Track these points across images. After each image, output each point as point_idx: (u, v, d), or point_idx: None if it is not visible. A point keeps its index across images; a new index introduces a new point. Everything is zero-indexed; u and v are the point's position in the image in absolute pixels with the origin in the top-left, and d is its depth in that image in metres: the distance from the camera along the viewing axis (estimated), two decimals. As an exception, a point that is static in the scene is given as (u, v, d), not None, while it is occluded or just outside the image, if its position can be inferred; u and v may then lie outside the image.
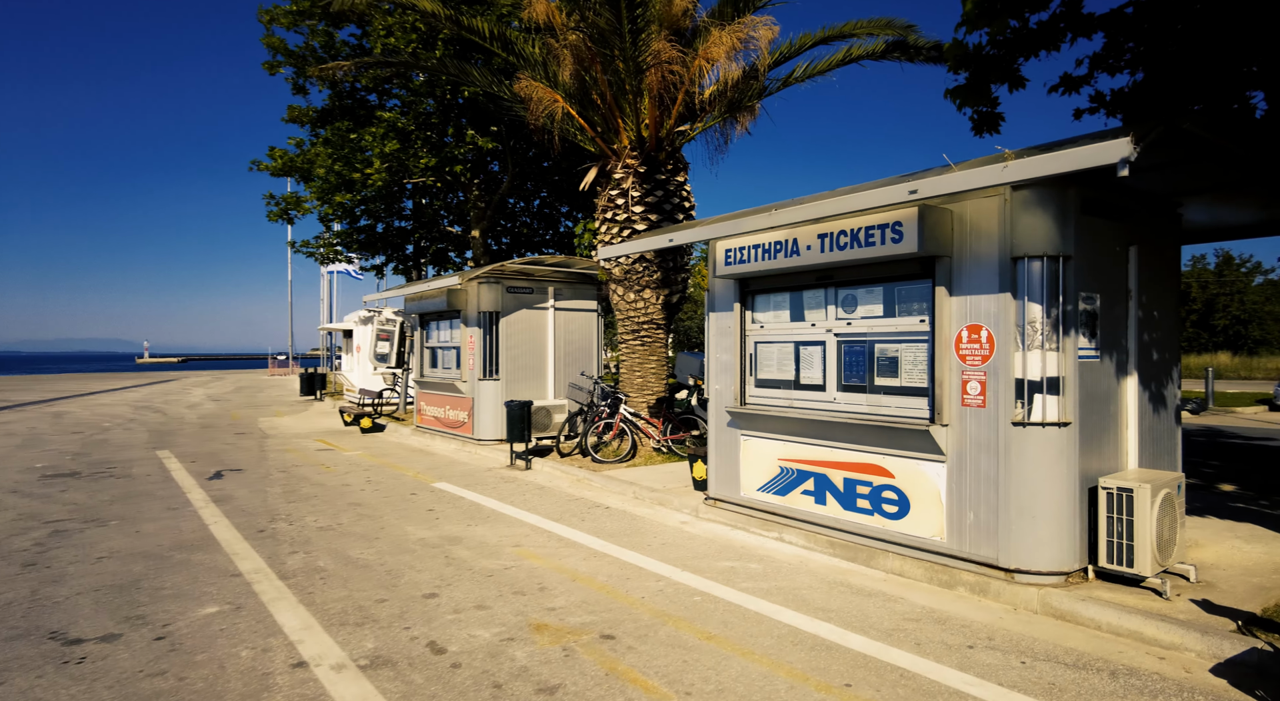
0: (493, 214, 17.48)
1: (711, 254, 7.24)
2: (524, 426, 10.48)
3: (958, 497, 5.39)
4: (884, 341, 5.96)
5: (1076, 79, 7.53)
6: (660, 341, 11.13)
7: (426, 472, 10.56)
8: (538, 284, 12.81)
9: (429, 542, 6.79)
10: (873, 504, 5.97)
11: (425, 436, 14.24)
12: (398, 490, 9.27)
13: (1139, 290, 5.60)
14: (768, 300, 6.98)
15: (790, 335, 6.75)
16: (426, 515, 7.90)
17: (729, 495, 7.32)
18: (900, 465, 5.77)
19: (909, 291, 5.78)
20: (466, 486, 9.47)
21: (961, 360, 5.36)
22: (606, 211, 10.96)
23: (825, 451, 6.35)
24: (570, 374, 13.04)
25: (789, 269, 6.35)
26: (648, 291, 10.85)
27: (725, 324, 7.34)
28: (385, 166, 14.62)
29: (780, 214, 5.97)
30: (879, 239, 5.55)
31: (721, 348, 7.40)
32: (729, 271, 6.89)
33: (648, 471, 9.78)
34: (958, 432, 5.38)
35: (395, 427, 15.80)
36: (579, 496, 8.79)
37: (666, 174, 10.81)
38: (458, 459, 11.83)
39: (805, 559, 6.15)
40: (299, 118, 17.36)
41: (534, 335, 12.73)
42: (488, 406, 12.35)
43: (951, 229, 5.42)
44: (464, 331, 12.79)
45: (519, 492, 9.04)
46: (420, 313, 14.31)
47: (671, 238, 7.09)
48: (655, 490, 8.44)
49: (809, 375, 6.58)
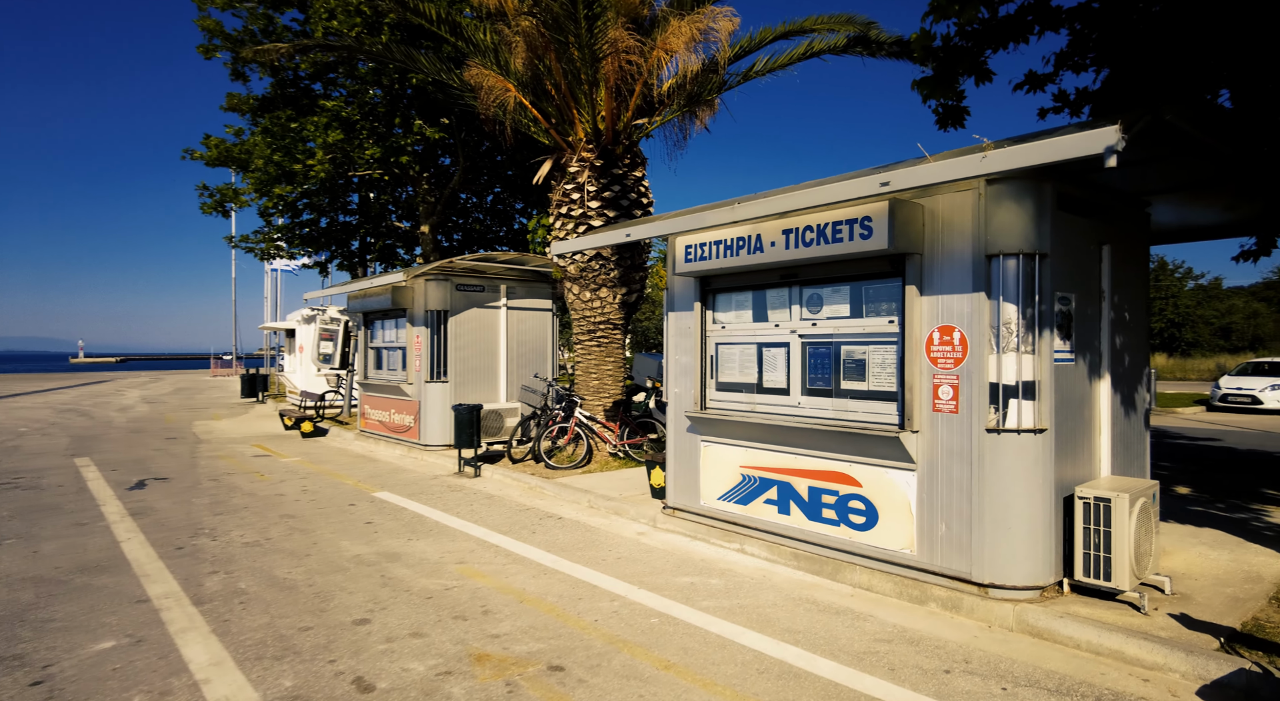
0: (443, 209, 16.84)
1: (671, 250, 6.87)
2: (473, 431, 9.97)
3: (929, 508, 5.11)
4: (851, 343, 5.67)
5: (1042, 77, 7.38)
6: (617, 342, 10.73)
7: (368, 481, 9.96)
8: (489, 282, 12.29)
9: (365, 560, 6.27)
10: (839, 514, 5.67)
11: (369, 441, 13.57)
12: (335, 500, 8.67)
13: (1111, 290, 5.42)
14: (729, 299, 6.65)
15: (753, 336, 6.42)
16: (364, 528, 7.35)
17: (688, 504, 6.96)
18: (868, 473, 5.48)
19: (877, 291, 5.50)
20: (410, 496, 8.93)
21: (933, 363, 5.09)
22: (561, 206, 10.52)
23: (789, 458, 6.03)
24: (524, 376, 12.55)
25: (752, 266, 6.01)
26: (604, 290, 10.44)
27: (685, 324, 6.98)
28: (329, 158, 13.90)
29: (743, 208, 5.63)
30: (846, 235, 5.25)
31: (681, 349, 7.04)
32: (689, 269, 6.53)
33: (603, 478, 9.37)
34: (929, 439, 5.11)
35: (338, 432, 15.07)
36: (530, 506, 8.33)
37: (624, 168, 10.43)
38: (403, 466, 11.24)
39: (768, 572, 5.82)
40: (238, 106, 16.46)
41: (485, 335, 12.21)
42: (435, 410, 11.79)
43: (923, 225, 5.14)
44: (410, 331, 12.19)
45: (466, 502, 8.54)
46: (364, 311, 13.64)
47: (629, 233, 6.71)
48: (611, 498, 8.03)
49: (772, 378, 6.26)
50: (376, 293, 12.63)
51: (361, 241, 18.12)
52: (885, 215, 4.99)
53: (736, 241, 6.05)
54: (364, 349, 14.15)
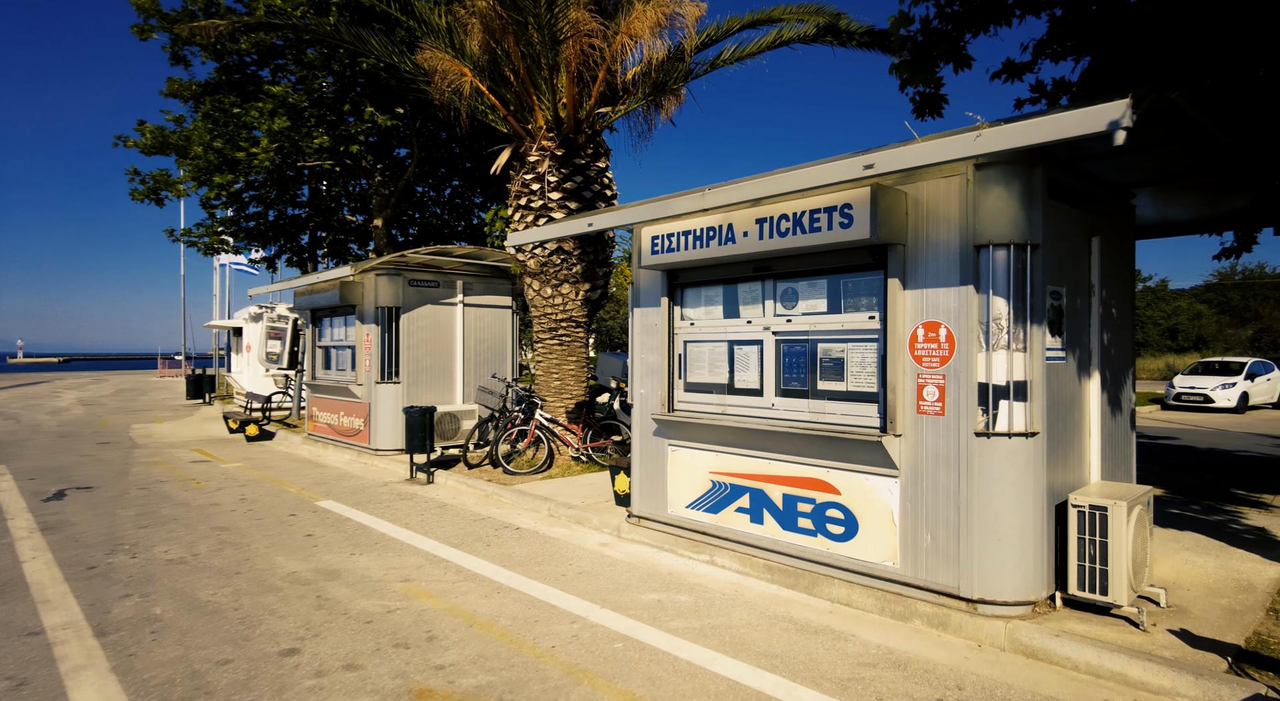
0: (398, 202, 16.13)
1: (636, 241, 6.44)
2: (425, 435, 9.40)
3: (913, 517, 4.76)
4: (828, 340, 5.29)
5: (1020, 66, 7.13)
6: (580, 341, 10.26)
7: (312, 488, 9.32)
8: (445, 277, 11.70)
9: (300, 578, 5.70)
10: (816, 523, 5.29)
11: (317, 446, 12.87)
12: (275, 510, 8.04)
13: (1101, 285, 5.14)
14: (698, 294, 6.23)
15: (724, 333, 6.01)
16: (304, 542, 6.76)
17: (655, 512, 6.53)
18: (847, 480, 5.11)
19: (857, 284, 5.13)
20: (356, 505, 8.33)
21: (917, 362, 4.74)
22: (520, 197, 10.01)
23: (762, 464, 5.64)
24: (481, 376, 11.99)
25: (723, 258, 5.61)
26: (566, 286, 9.96)
27: (651, 320, 6.55)
28: (274, 147, 13.14)
29: (714, 195, 5.22)
30: (825, 224, 4.87)
31: (647, 347, 6.61)
32: (656, 261, 6.10)
33: (565, 484, 8.89)
34: (913, 444, 4.76)
35: (286, 435, 14.31)
36: (486, 515, 7.81)
37: (586, 158, 9.96)
38: (351, 472, 10.61)
39: (741, 587, 5.42)
40: (179, 92, 15.53)
41: (440, 333, 11.62)
42: (386, 412, 11.16)
43: (906, 214, 4.79)
44: (360, 329, 11.55)
45: (416, 512, 7.98)
46: (312, 308, 12.93)
47: (591, 222, 6.24)
48: (573, 506, 7.57)
49: (744, 378, 5.86)
50: (324, 288, 11.95)
51: (311, 235, 17.30)
52: (867, 202, 4.63)
53: (706, 232, 5.63)
54: (312, 348, 13.43)
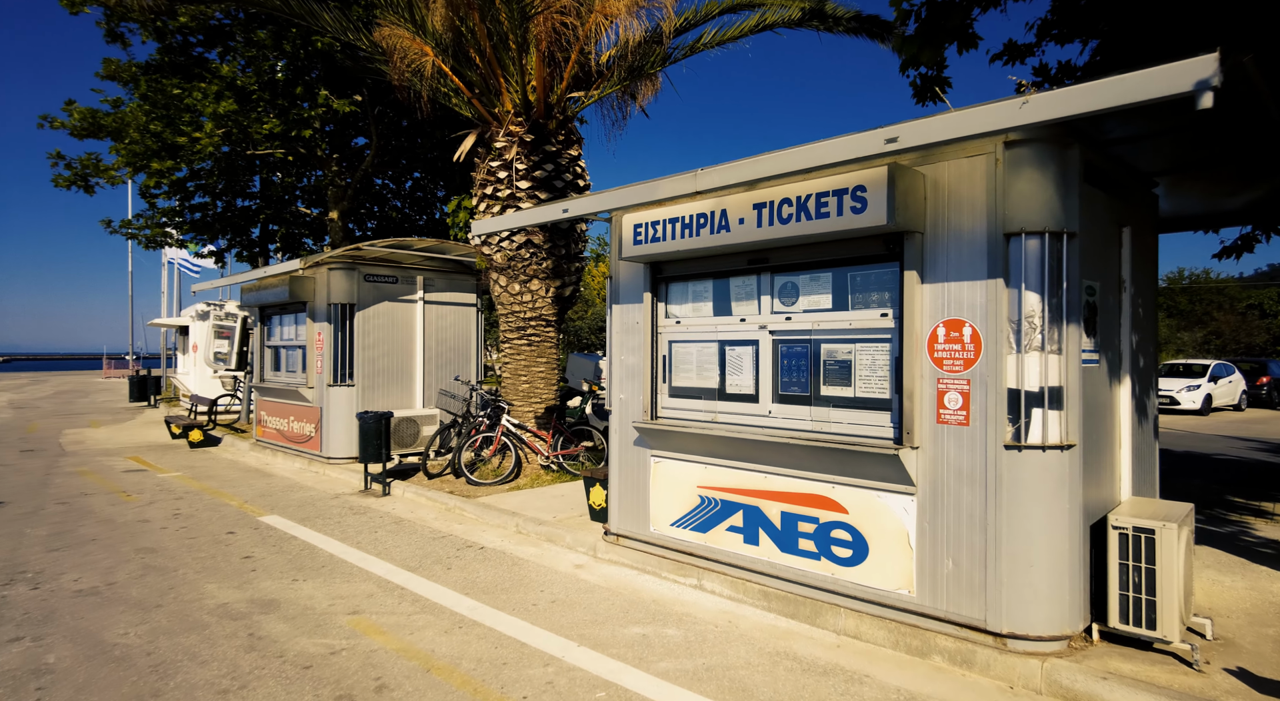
0: (355, 194, 15.25)
1: (616, 230, 5.82)
2: (380, 443, 8.65)
3: (931, 540, 4.23)
4: (834, 340, 4.74)
5: (1022, 48, 6.69)
6: (550, 341, 9.60)
7: (256, 501, 8.50)
8: (404, 272, 10.93)
9: (232, 611, 4.96)
10: (819, 545, 4.73)
11: (266, 453, 11.98)
12: (211, 528, 7.24)
13: (1130, 280, 4.67)
14: (685, 289, 5.64)
15: (714, 332, 5.43)
16: (240, 566, 6.00)
17: (636, 530, 5.91)
18: (855, 497, 4.56)
19: (867, 278, 4.58)
20: (303, 520, 7.56)
21: (937, 365, 4.21)
22: (486, 186, 9.31)
23: (758, 478, 5.06)
24: (443, 379, 11.25)
25: (714, 249, 5.02)
26: (535, 282, 9.29)
27: (632, 318, 5.94)
28: (220, 132, 12.21)
29: (708, 176, 4.63)
30: (834, 209, 4.31)
31: (627, 348, 5.99)
32: (638, 252, 5.48)
33: (534, 495, 8.22)
34: (932, 457, 4.22)
35: (233, 441, 13.37)
36: (447, 532, 7.11)
37: (558, 145, 9.31)
38: (300, 482, 9.79)
39: (734, 617, 4.83)
40: (118, 73, 14.44)
41: (398, 333, 10.85)
42: (339, 417, 10.36)
43: (925, 198, 4.26)
44: (311, 327, 10.72)
45: (370, 529, 7.24)
46: (260, 305, 12.04)
47: (566, 208, 5.61)
48: (543, 521, 6.91)
49: (737, 382, 5.28)
50: (273, 284, 11.09)
51: (263, 229, 16.28)
52: (884, 183, 4.08)
53: (696, 219, 5.04)
54: (260, 348, 12.53)
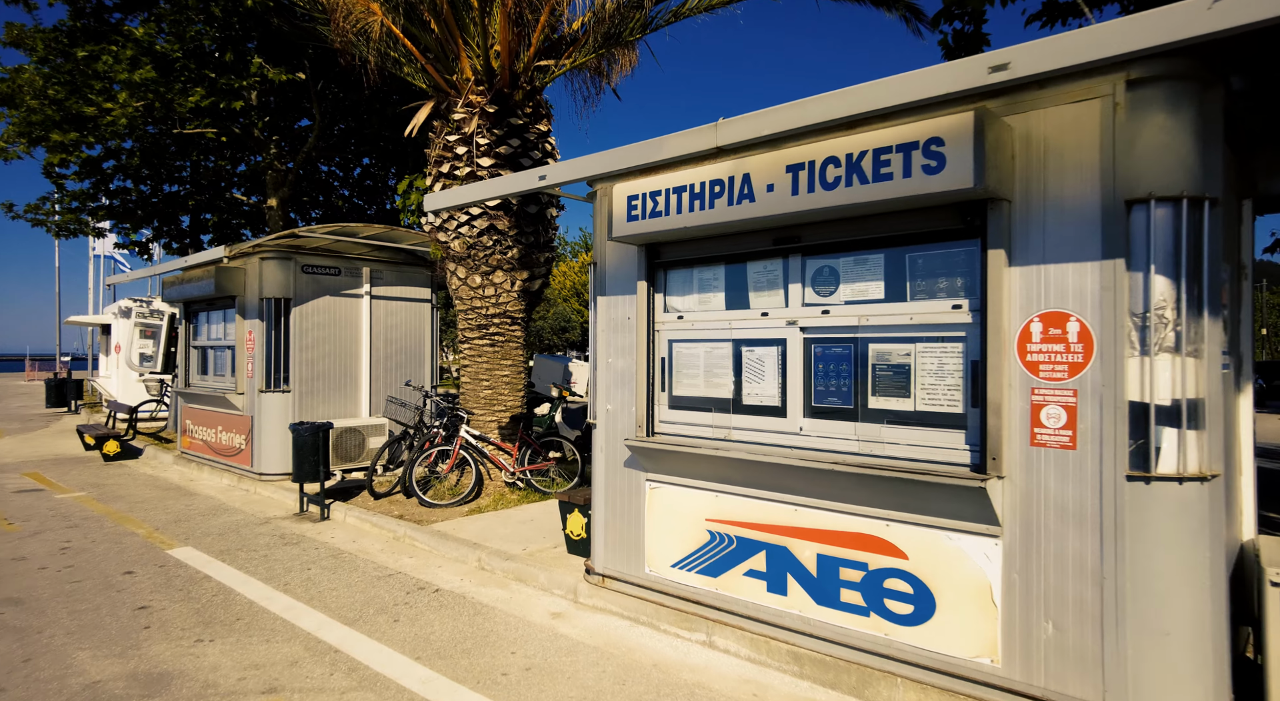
0: (297, 181, 13.85)
1: (603, 206, 4.79)
2: (318, 458, 7.44)
3: (1023, 596, 3.28)
4: (886, 339, 3.77)
5: (1064, 7, 5.85)
6: (516, 341, 8.49)
7: (169, 528, 7.21)
8: (348, 263, 9.69)
9: (103, 694, 3.77)
10: (868, 598, 3.75)
11: (191, 467, 10.59)
12: (105, 567, 5.96)
13: (1250, 265, 3.81)
14: (690, 277, 4.61)
15: (726, 330, 4.42)
16: (130, 622, 4.78)
17: (627, 570, 4.87)
18: (917, 539, 3.59)
19: (934, 260, 3.62)
20: (223, 554, 6.32)
21: (1030, 370, 3.27)
22: (442, 164, 8.16)
23: (785, 512, 4.07)
24: (393, 383, 10.02)
25: (732, 225, 4.01)
26: (499, 274, 8.17)
27: (621, 313, 4.89)
28: (139, 104, 10.75)
29: (731, 128, 3.62)
30: (898, 169, 3.34)
31: (615, 348, 4.94)
32: (633, 231, 4.44)
33: (498, 520, 7.11)
34: (1023, 489, 3.28)
35: (155, 453, 11.90)
36: (395, 569, 5.96)
37: (525, 118, 8.20)
38: (227, 502, 8.48)
39: (760, 686, 3.83)
40: (20, 40, 12.82)
41: (341, 331, 9.60)
42: (273, 428, 9.07)
43: (1013, 156, 3.32)
44: (241, 325, 9.40)
45: (302, 565, 6.04)
46: (185, 300, 10.65)
47: (544, 174, 4.53)
48: (511, 555, 5.82)
49: (757, 391, 4.28)
50: (197, 276, 9.73)
51: (194, 217, 14.73)
52: (968, 134, 3.12)
53: (710, 187, 4.02)
54: (185, 348, 11.12)
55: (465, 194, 5.13)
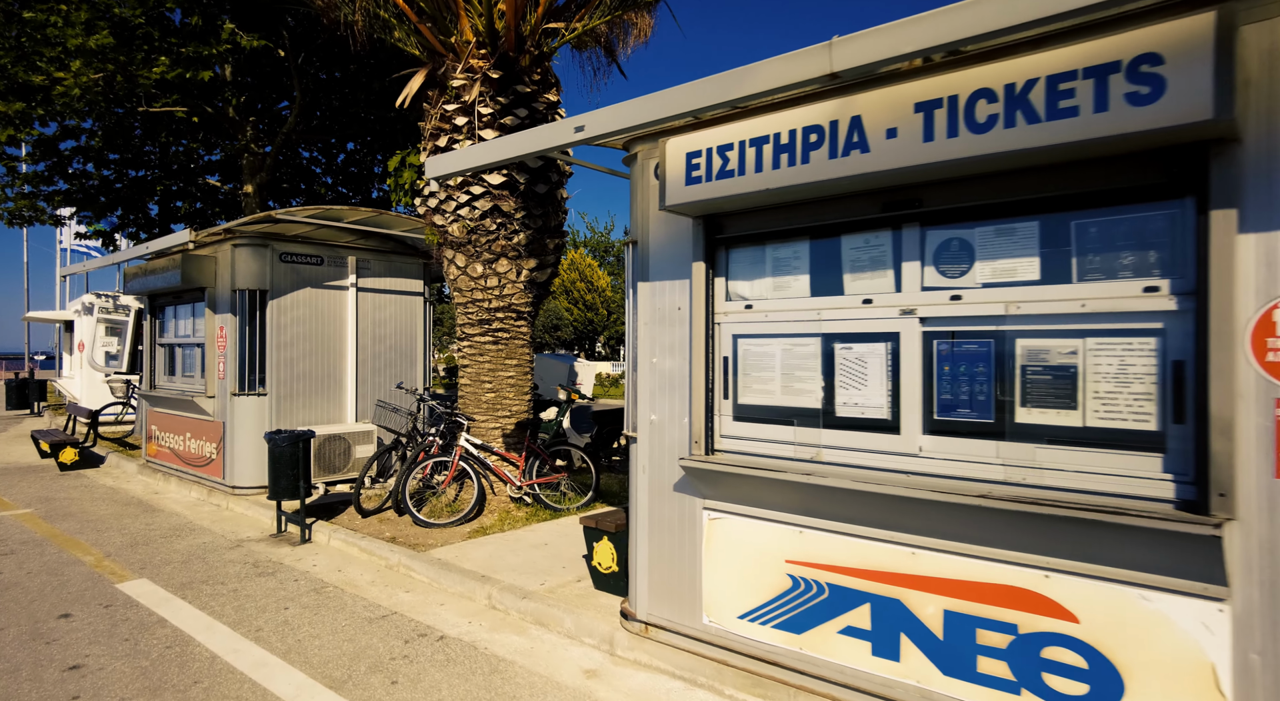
0: (275, 165, 12.81)
1: (644, 171, 3.88)
2: (298, 472, 6.47)
3: (1268, 688, 2.41)
4: (1043, 333, 2.88)
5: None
6: (523, 339, 7.55)
7: (124, 554, 6.21)
8: (331, 252, 8.70)
9: (2, 809, 2.81)
10: (1018, 669, 2.87)
11: (156, 477, 9.56)
12: (36, 607, 4.97)
13: None
14: (762, 257, 3.71)
15: (814, 321, 3.51)
16: (56, 687, 3.82)
17: (679, 619, 3.96)
18: (1092, 596, 2.71)
19: (1115, 227, 2.74)
20: (184, 588, 5.34)
21: (1271, 372, 2.39)
22: (439, 136, 7.20)
23: (898, 555, 3.18)
24: (382, 385, 9.04)
25: (832, 187, 3.11)
26: (504, 262, 7.23)
27: (670, 302, 3.98)
28: (97, 77, 9.67)
29: (853, 47, 2.70)
30: (1086, 100, 2.45)
31: (661, 345, 4.03)
32: (693, 198, 3.52)
33: (507, 544, 6.17)
34: (1267, 537, 2.41)
35: (119, 461, 10.83)
36: (390, 608, 5.00)
37: (533, 86, 7.26)
38: (195, 521, 7.48)
39: (875, 788, 2.93)
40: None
41: (324, 327, 8.61)
42: (248, 436, 8.07)
43: (1247, 81, 2.44)
44: (211, 320, 8.39)
45: (278, 603, 5.08)
46: (149, 292, 9.60)
47: (582, 126, 3.59)
48: (528, 592, 4.89)
49: (857, 400, 3.38)
50: (162, 266, 8.70)
51: (163, 205, 13.63)
52: (1206, 45, 2.24)
53: (803, 137, 3.12)
54: (151, 346, 10.07)
55: (476, 155, 4.18)
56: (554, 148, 3.82)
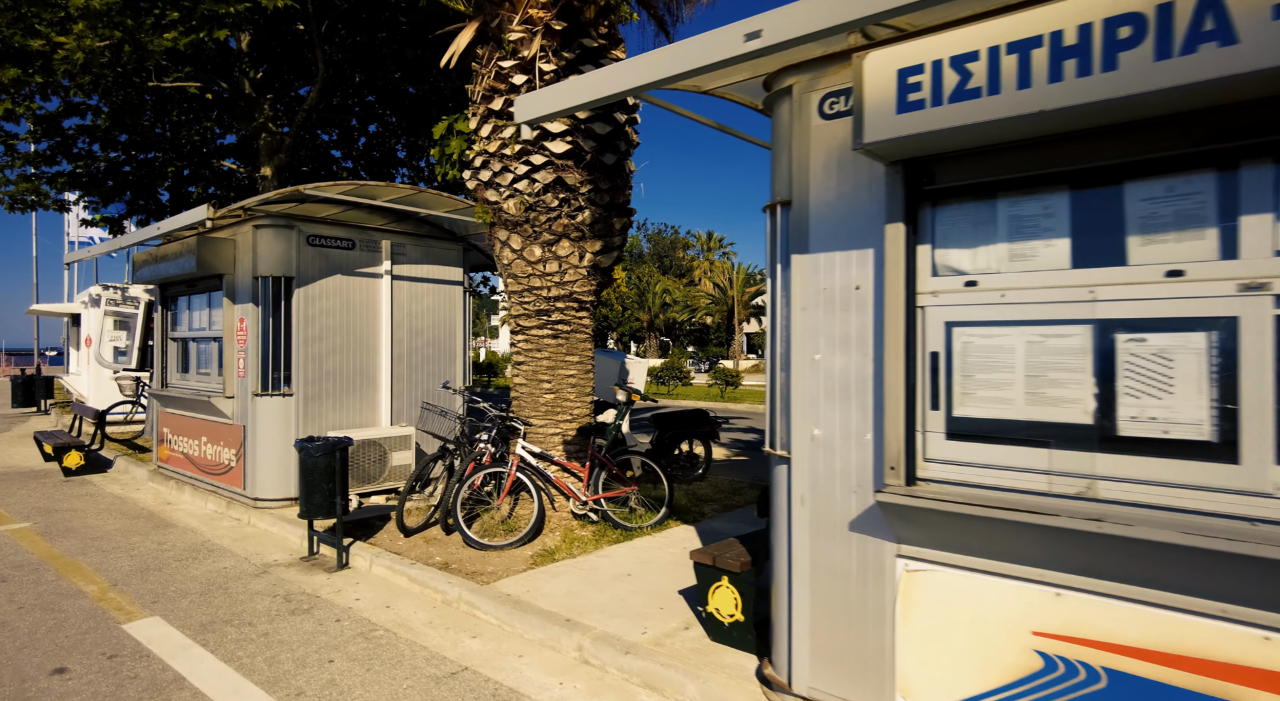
0: (295, 147, 11.90)
1: (812, 103, 2.95)
2: (333, 486, 5.55)
3: None
4: None
5: None
6: (584, 332, 6.60)
7: (132, 583, 5.31)
8: (364, 235, 7.77)
9: None
10: None
11: (169, 485, 8.67)
12: (24, 658, 4.07)
13: None
14: (993, 213, 2.73)
15: (1085, 300, 2.54)
16: (41, 788, 2.89)
17: (857, 699, 3.00)
18: None
19: None
20: (204, 630, 4.42)
21: None
22: (492, 98, 6.25)
23: (1241, 639, 2.21)
24: (418, 384, 8.11)
25: (1142, 106, 2.14)
26: (565, 244, 6.28)
27: (842, 279, 3.02)
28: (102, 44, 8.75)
29: None
30: None
31: (828, 337, 3.07)
32: (906, 132, 2.55)
33: (583, 574, 5.22)
34: None
35: (128, 466, 9.97)
36: (457, 662, 4.06)
37: (600, 40, 6.30)
38: (213, 538, 6.57)
39: None
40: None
41: (355, 319, 7.68)
42: (271, 441, 7.16)
43: None
44: (230, 311, 7.48)
45: (320, 655, 4.14)
46: (160, 281, 8.70)
47: (756, 32, 2.60)
48: (631, 644, 3.94)
49: (1156, 412, 2.40)
50: (174, 251, 7.78)
51: (175, 190, 12.74)
52: None
53: (1104, 33, 2.15)
54: (162, 340, 9.18)
55: (592, 85, 3.19)
56: (718, 63, 2.84)
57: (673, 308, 53.72)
